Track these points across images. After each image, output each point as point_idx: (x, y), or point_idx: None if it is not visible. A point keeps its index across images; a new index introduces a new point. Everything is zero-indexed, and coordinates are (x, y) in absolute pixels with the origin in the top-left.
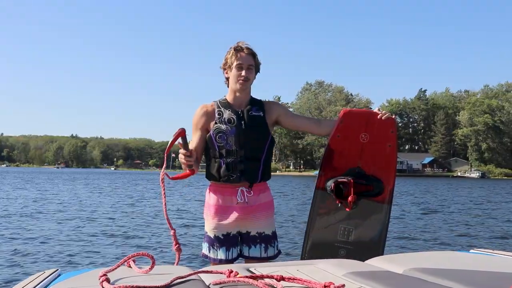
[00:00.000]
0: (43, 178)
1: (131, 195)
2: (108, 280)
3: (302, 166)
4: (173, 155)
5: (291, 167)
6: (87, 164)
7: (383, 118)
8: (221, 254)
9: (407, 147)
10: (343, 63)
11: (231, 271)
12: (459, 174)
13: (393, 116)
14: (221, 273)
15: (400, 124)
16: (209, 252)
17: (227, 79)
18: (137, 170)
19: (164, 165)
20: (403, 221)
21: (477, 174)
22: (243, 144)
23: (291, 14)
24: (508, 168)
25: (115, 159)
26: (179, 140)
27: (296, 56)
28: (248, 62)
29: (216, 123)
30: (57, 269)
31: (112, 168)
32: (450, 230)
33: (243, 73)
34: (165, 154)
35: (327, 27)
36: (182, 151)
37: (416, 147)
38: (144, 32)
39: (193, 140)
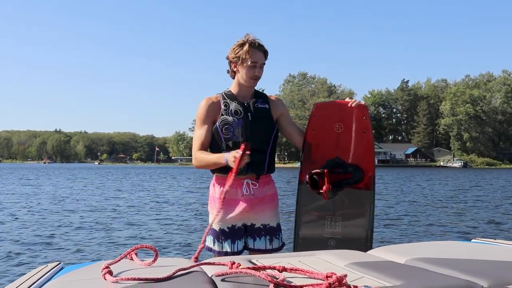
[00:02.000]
0: (35, 173)
1: (129, 189)
2: (110, 273)
3: (286, 158)
4: (157, 148)
5: (275, 159)
6: (71, 158)
7: (353, 105)
8: (226, 247)
9: (390, 137)
10: (325, 55)
11: (233, 263)
12: (441, 163)
13: (363, 103)
14: (223, 264)
15: (383, 115)
16: (214, 245)
17: (233, 71)
18: (122, 164)
19: (228, 183)
20: (402, 212)
21: (459, 164)
22: (249, 136)
23: (273, 5)
24: (489, 157)
25: (99, 153)
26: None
27: (278, 48)
28: (262, 61)
29: (222, 114)
30: (60, 262)
31: (96, 163)
32: (450, 221)
33: (257, 72)
34: (233, 173)
35: (309, 19)
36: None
37: (400, 138)
38: (127, 26)
39: (200, 133)
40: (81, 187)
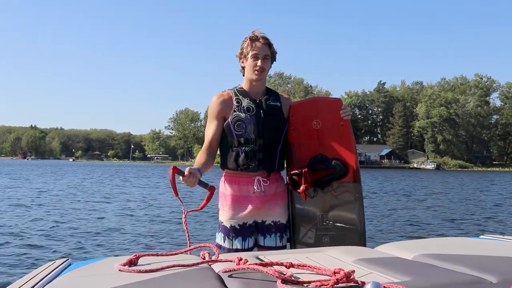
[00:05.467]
0: (29, 170)
1: (132, 187)
2: (128, 264)
3: None
4: (133, 146)
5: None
6: (46, 155)
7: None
8: (237, 244)
9: (366, 139)
10: (302, 55)
11: (241, 259)
12: (415, 165)
13: (337, 98)
14: (230, 261)
15: (359, 116)
16: (224, 242)
17: (243, 68)
18: (97, 162)
19: (183, 208)
20: (406, 209)
21: (433, 166)
22: (261, 133)
23: (249, 5)
24: (462, 160)
25: (73, 150)
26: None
27: None
28: (264, 52)
29: (234, 111)
30: (68, 259)
31: (71, 160)
32: (458, 217)
33: (259, 63)
34: (177, 197)
35: (286, 20)
36: (184, 179)
37: (375, 139)
38: (102, 20)
39: (209, 131)
40: (82, 183)
